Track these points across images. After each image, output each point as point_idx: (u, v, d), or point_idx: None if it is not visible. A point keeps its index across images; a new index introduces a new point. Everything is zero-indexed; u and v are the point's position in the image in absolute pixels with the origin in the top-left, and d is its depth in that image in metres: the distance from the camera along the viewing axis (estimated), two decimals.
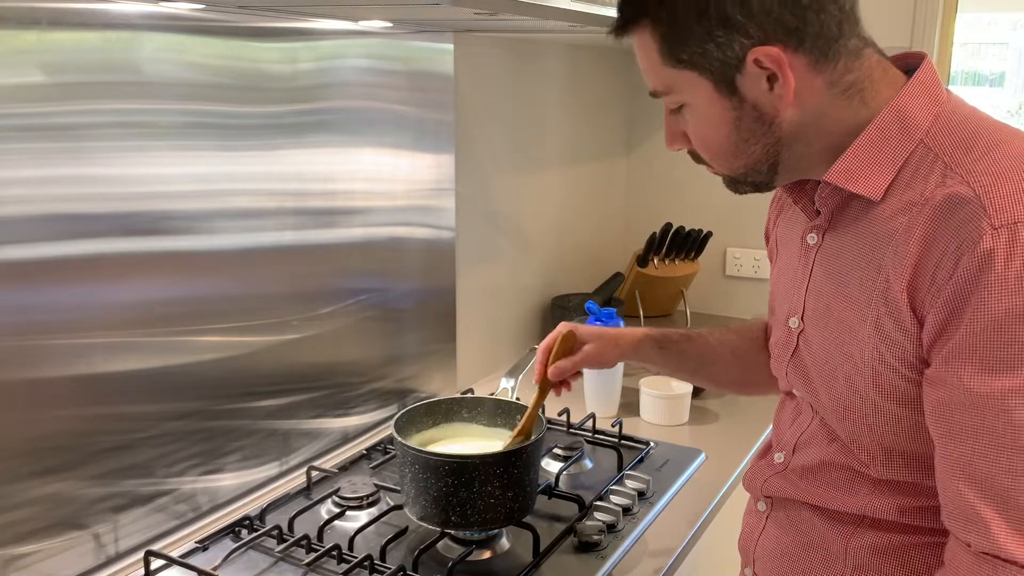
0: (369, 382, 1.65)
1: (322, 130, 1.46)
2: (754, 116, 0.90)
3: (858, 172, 0.89)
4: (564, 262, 2.36)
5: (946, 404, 0.82)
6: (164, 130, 1.20)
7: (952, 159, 0.84)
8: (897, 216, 0.86)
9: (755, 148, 0.92)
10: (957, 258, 0.79)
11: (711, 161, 0.97)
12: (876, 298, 0.88)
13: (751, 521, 1.13)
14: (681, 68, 0.90)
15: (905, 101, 0.89)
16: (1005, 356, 0.76)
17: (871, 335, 0.88)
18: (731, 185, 1.00)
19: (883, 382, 0.89)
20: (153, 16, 1.17)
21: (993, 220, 0.77)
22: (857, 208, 0.92)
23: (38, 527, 1.11)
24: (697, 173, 2.53)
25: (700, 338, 1.28)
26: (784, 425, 1.09)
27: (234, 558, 1.23)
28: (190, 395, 1.29)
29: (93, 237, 1.13)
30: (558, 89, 2.24)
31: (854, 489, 0.96)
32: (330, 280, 1.53)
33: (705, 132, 0.94)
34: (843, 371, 0.93)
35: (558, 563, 1.23)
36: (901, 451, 0.91)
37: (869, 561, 0.96)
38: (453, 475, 1.17)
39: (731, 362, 1.26)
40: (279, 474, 1.47)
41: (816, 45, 0.87)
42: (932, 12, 2.09)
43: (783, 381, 1.07)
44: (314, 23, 1.42)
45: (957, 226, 0.79)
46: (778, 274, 1.10)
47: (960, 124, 0.87)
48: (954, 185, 0.81)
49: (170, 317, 1.25)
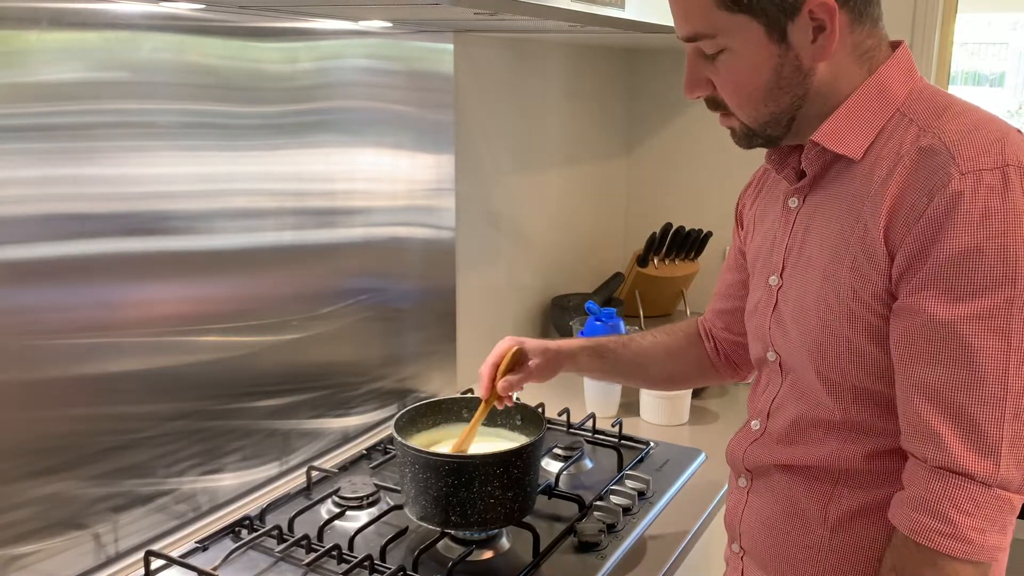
0: (369, 382, 1.65)
1: (322, 130, 1.46)
2: (795, 65, 0.94)
3: (840, 134, 0.96)
4: (564, 262, 2.36)
5: (910, 330, 0.89)
6: (164, 130, 1.20)
7: (925, 122, 0.92)
8: (875, 171, 0.93)
9: (786, 98, 0.96)
10: (929, 199, 0.86)
11: (738, 107, 0.99)
12: (854, 243, 0.94)
13: (734, 498, 1.17)
14: (736, 12, 0.92)
15: (885, 73, 0.96)
16: (966, 285, 0.84)
17: (847, 276, 0.94)
18: (744, 138, 1.02)
19: (856, 319, 0.95)
20: (153, 16, 1.17)
21: (961, 167, 0.85)
22: (838, 169, 0.98)
23: (38, 527, 1.11)
24: (697, 173, 2.54)
25: (633, 343, 1.34)
26: (756, 397, 1.14)
27: (234, 558, 1.23)
28: (190, 395, 1.29)
29: (93, 237, 1.13)
30: (558, 89, 2.24)
31: (825, 441, 1.01)
32: (330, 280, 1.53)
33: (743, 77, 0.96)
34: (817, 313, 0.98)
35: (558, 563, 1.23)
36: (868, 390, 0.97)
37: (846, 524, 1.01)
38: (453, 475, 1.17)
39: (664, 360, 1.34)
40: (279, 474, 1.47)
41: (857, 5, 0.93)
42: (932, 12, 2.09)
43: (762, 341, 1.10)
44: (314, 23, 1.42)
45: (929, 173, 0.87)
46: (759, 243, 1.14)
47: (931, 97, 0.96)
48: (926, 140, 0.90)
49: (170, 317, 1.25)
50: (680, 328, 1.36)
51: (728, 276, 1.28)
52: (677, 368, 1.34)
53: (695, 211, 2.49)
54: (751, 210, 1.19)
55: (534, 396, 1.62)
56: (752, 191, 1.20)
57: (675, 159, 2.56)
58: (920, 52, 2.11)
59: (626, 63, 2.54)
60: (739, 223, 1.23)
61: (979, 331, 0.84)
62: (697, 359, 1.32)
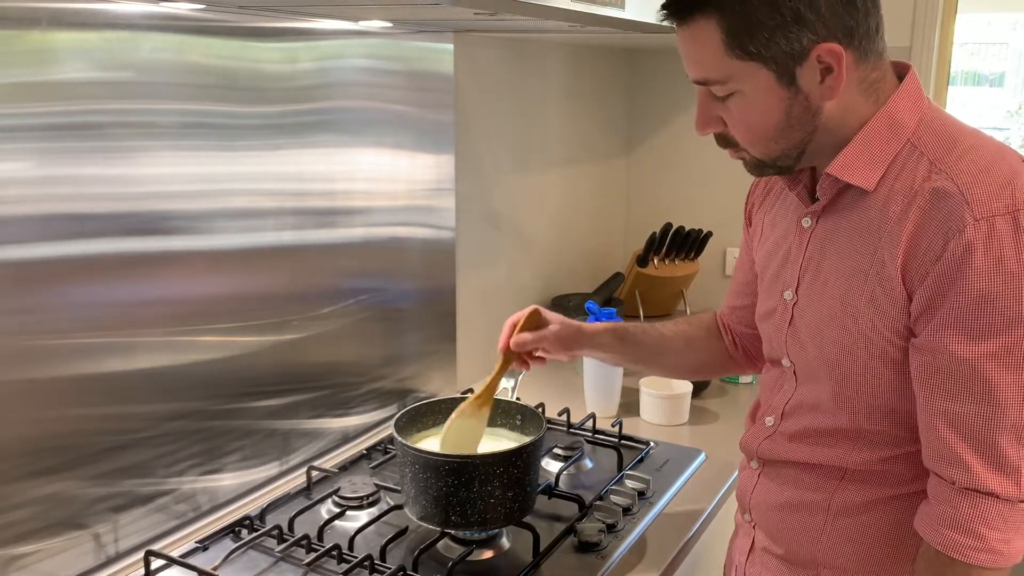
0: (369, 382, 1.65)
1: (322, 130, 1.46)
2: (804, 106, 0.98)
3: (854, 166, 0.99)
4: (564, 262, 2.36)
5: (932, 366, 0.95)
6: (164, 130, 1.20)
7: (935, 156, 0.96)
8: (889, 205, 0.97)
9: (796, 135, 1.00)
10: (944, 244, 0.91)
11: (749, 145, 1.02)
12: (872, 276, 0.98)
13: (745, 475, 1.22)
14: (747, 59, 0.95)
15: (894, 106, 1.00)
16: (983, 326, 0.91)
17: (865, 307, 0.99)
18: (755, 168, 1.06)
19: (874, 347, 1.00)
20: (153, 16, 1.17)
21: (975, 212, 0.90)
22: (851, 196, 1.02)
23: (38, 527, 1.11)
24: (697, 173, 2.54)
25: (655, 329, 1.36)
26: (771, 391, 1.18)
27: (234, 558, 1.23)
28: (190, 395, 1.29)
29: (93, 237, 1.13)
30: (558, 89, 2.24)
31: (838, 445, 1.07)
32: (330, 280, 1.53)
33: (754, 119, 0.99)
34: (835, 337, 1.03)
35: (558, 563, 1.23)
36: (883, 406, 1.03)
37: (848, 513, 1.07)
38: (453, 475, 1.17)
39: (685, 350, 1.36)
40: (279, 474, 1.47)
41: (862, 44, 0.96)
42: (932, 12, 2.09)
43: (778, 349, 1.14)
44: (314, 23, 1.42)
45: (944, 216, 0.91)
46: (769, 251, 1.16)
47: (940, 127, 0.99)
48: (940, 180, 0.93)
49: (170, 317, 1.25)
50: (700, 319, 1.38)
51: (740, 275, 1.31)
52: (697, 358, 1.36)
53: (695, 211, 2.49)
54: (760, 212, 1.21)
55: (534, 396, 1.62)
56: (761, 191, 1.22)
57: (675, 159, 2.56)
58: (920, 52, 2.11)
59: (626, 63, 2.54)
60: (748, 221, 1.26)
61: (997, 367, 0.91)
62: (716, 350, 1.35)
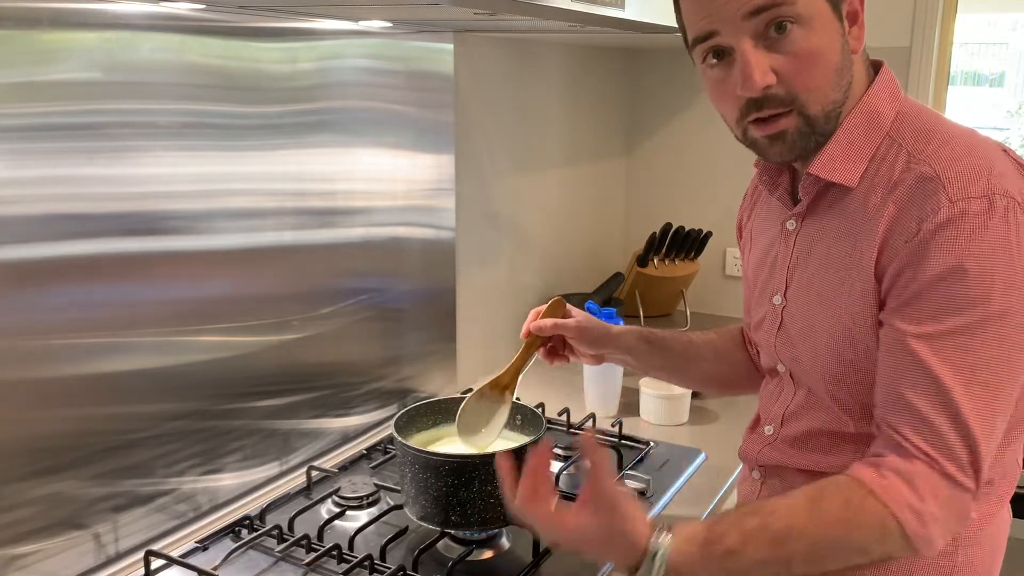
0: (369, 382, 1.66)
1: (322, 130, 1.46)
2: (846, 49, 0.96)
3: (836, 164, 0.98)
4: (564, 262, 2.36)
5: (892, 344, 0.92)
6: (164, 130, 1.20)
7: (914, 148, 0.95)
8: (869, 198, 0.96)
9: (844, 85, 0.96)
10: (919, 225, 0.90)
11: (814, 88, 0.94)
12: (852, 271, 0.97)
13: (747, 487, 1.20)
14: None
15: (874, 98, 0.99)
16: (936, 307, 0.89)
17: (849, 303, 0.97)
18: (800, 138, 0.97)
19: (859, 345, 0.98)
20: (153, 16, 1.17)
21: (950, 195, 0.89)
22: (833, 195, 1.01)
23: (38, 527, 1.11)
24: (697, 173, 2.54)
25: (684, 336, 1.34)
26: (769, 401, 1.16)
27: (234, 558, 1.23)
28: (190, 395, 1.29)
29: (93, 237, 1.13)
30: (558, 89, 2.24)
31: (838, 450, 1.04)
32: (330, 280, 1.53)
33: (822, 46, 0.93)
34: (824, 338, 1.01)
35: (558, 563, 1.23)
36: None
37: None
38: (453, 475, 1.17)
39: (713, 361, 1.33)
40: (279, 474, 1.47)
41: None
42: (932, 12, 2.10)
43: (770, 356, 1.13)
44: (314, 23, 1.42)
45: (921, 199, 0.91)
46: (759, 259, 1.15)
47: (916, 119, 0.98)
48: (918, 168, 0.93)
49: (170, 317, 1.25)
50: (727, 330, 1.36)
51: (745, 291, 1.26)
52: (724, 369, 1.33)
53: (695, 211, 2.49)
54: (749, 223, 1.21)
55: (534, 396, 1.62)
56: (748, 204, 1.23)
57: (675, 159, 2.56)
58: (920, 52, 2.11)
59: (626, 63, 2.54)
60: (739, 234, 1.26)
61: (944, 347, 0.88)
62: (742, 361, 1.32)
